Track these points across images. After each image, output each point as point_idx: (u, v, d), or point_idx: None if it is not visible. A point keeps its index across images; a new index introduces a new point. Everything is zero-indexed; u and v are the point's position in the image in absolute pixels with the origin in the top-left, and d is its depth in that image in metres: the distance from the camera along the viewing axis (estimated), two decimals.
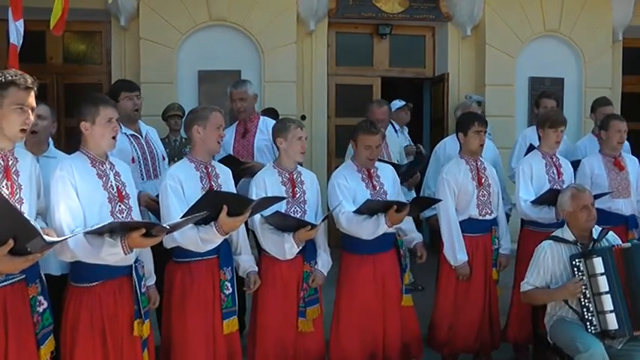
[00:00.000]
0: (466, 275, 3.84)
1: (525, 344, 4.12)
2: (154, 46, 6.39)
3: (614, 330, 3.17)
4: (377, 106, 4.90)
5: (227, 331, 3.16)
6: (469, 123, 3.88)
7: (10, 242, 2.19)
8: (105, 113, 2.78)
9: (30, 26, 6.14)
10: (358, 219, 3.47)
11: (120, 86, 4.02)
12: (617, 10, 7.23)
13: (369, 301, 3.58)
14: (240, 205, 2.97)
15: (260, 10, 6.52)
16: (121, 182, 2.86)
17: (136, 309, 2.80)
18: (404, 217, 3.48)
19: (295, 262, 3.42)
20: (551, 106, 4.82)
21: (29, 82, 2.46)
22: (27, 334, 2.48)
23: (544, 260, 3.40)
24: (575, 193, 3.44)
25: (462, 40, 7.23)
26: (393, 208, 3.40)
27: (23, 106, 2.44)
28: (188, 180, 3.13)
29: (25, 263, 2.29)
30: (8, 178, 2.46)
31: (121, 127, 3.76)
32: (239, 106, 4.42)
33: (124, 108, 3.82)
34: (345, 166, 3.75)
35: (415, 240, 3.83)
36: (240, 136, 4.42)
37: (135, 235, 2.52)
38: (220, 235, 3.01)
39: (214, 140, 3.19)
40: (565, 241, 3.41)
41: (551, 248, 3.41)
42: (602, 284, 3.20)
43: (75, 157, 2.81)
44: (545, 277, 3.40)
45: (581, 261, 3.27)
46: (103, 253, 2.57)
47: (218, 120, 3.20)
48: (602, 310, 3.21)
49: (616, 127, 4.21)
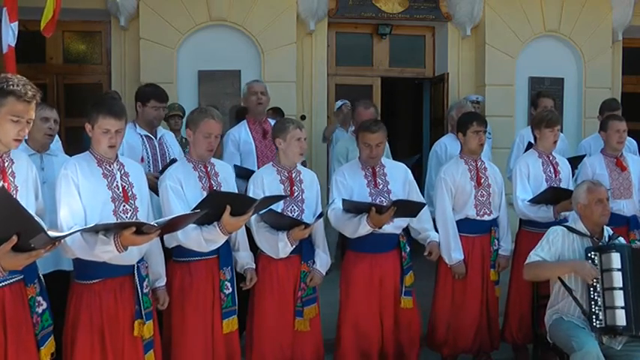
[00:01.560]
0: (462, 274, 3.84)
1: (524, 344, 4.12)
2: (153, 46, 6.39)
3: (621, 326, 3.17)
4: (363, 108, 4.87)
5: (226, 331, 3.17)
6: (468, 123, 3.89)
7: (13, 238, 2.18)
8: (102, 123, 2.74)
9: (30, 26, 6.17)
10: (344, 217, 3.48)
11: (152, 93, 3.92)
12: (617, 10, 7.23)
13: (364, 299, 3.58)
14: (242, 204, 2.98)
15: (260, 10, 6.52)
16: (128, 182, 2.86)
17: (137, 309, 2.79)
18: (386, 219, 3.40)
19: (292, 261, 3.42)
20: (550, 106, 4.81)
21: (29, 94, 2.40)
22: (26, 335, 2.47)
23: (554, 241, 3.39)
24: (591, 186, 3.44)
25: (462, 40, 7.23)
26: (372, 210, 3.36)
27: (20, 118, 2.40)
28: (187, 180, 3.14)
29: (28, 260, 2.28)
30: (5, 179, 2.45)
31: (135, 127, 3.80)
32: (261, 99, 4.43)
33: (148, 114, 3.85)
34: (350, 164, 3.78)
35: (429, 238, 3.78)
36: (261, 137, 4.42)
37: (127, 233, 2.50)
38: (224, 235, 3.02)
39: (202, 147, 3.16)
40: (578, 232, 3.41)
41: (563, 232, 3.41)
42: (617, 280, 3.18)
43: (82, 156, 2.82)
44: (554, 255, 3.38)
45: (597, 254, 3.27)
46: (97, 250, 2.57)
47: (208, 128, 3.13)
48: (611, 305, 3.19)
49: (615, 127, 4.21)
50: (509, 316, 4.10)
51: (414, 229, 3.78)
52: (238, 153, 4.33)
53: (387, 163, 3.75)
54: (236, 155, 4.33)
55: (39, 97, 2.47)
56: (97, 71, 6.98)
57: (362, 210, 3.43)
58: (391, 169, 3.72)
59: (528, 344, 4.12)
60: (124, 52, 6.67)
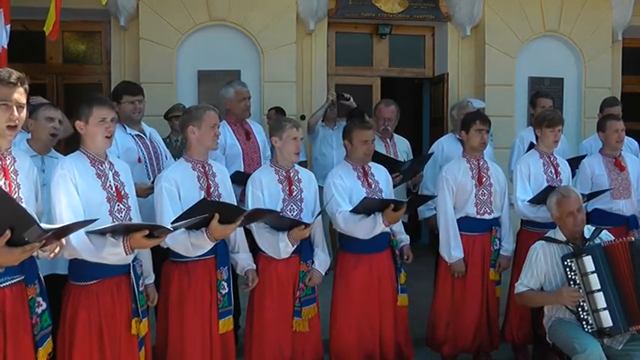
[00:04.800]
0: (461, 272, 3.85)
1: (524, 344, 4.12)
2: (153, 46, 6.38)
3: (608, 327, 3.18)
4: (384, 106, 4.90)
5: (223, 331, 3.18)
6: (471, 121, 3.93)
7: (7, 233, 2.17)
8: (97, 113, 2.77)
9: (30, 26, 6.17)
10: (355, 218, 3.47)
11: (122, 89, 4.00)
12: (617, 10, 7.22)
13: (365, 300, 3.58)
14: (232, 213, 3.00)
15: (260, 10, 6.51)
16: (119, 182, 2.88)
17: (133, 307, 2.81)
18: (401, 215, 3.51)
19: (291, 261, 3.42)
20: (548, 106, 4.81)
21: (13, 77, 2.40)
22: (25, 336, 2.47)
23: (537, 261, 3.41)
24: (560, 199, 3.42)
25: (462, 40, 7.22)
26: (390, 207, 3.41)
27: (7, 102, 2.38)
28: (185, 180, 3.14)
29: (23, 254, 2.26)
30: (6, 176, 2.45)
31: (125, 128, 3.80)
32: (248, 104, 4.48)
33: (125, 110, 3.84)
34: (339, 166, 3.77)
35: (402, 242, 3.84)
36: (245, 138, 4.42)
37: (138, 236, 2.55)
38: (210, 242, 3.03)
39: (210, 139, 3.20)
40: (557, 241, 3.41)
41: (543, 249, 3.41)
42: (594, 282, 3.21)
43: (75, 156, 2.82)
44: (540, 277, 3.41)
45: (573, 261, 3.27)
46: (105, 252, 2.60)
47: (212, 119, 3.20)
48: (596, 308, 3.21)
49: (613, 127, 4.22)
50: (510, 314, 4.11)
51: (391, 231, 3.77)
52: (224, 157, 4.28)
53: (370, 163, 3.77)
54: (221, 159, 4.28)
55: (26, 84, 2.47)
56: (97, 71, 6.97)
57: (377, 208, 3.44)
58: (375, 169, 3.76)
59: (528, 344, 4.13)
60: (123, 52, 6.66)
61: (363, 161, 3.67)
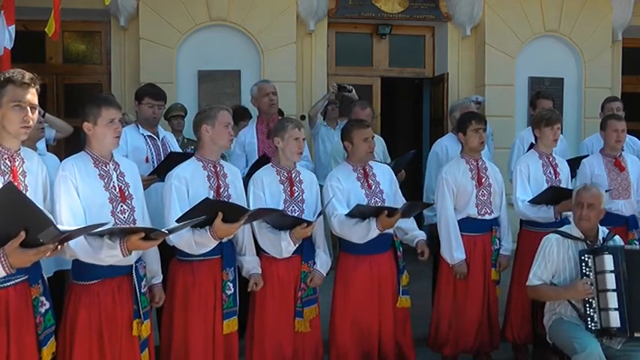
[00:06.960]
0: (463, 274, 3.85)
1: (525, 344, 4.13)
2: (153, 46, 6.38)
3: (615, 328, 3.17)
4: (360, 108, 4.87)
5: (227, 331, 3.18)
6: (467, 122, 3.92)
7: (21, 234, 2.16)
8: (107, 114, 2.76)
9: (30, 26, 6.18)
10: (349, 222, 3.47)
11: (146, 91, 4.02)
12: (617, 10, 7.22)
13: (365, 301, 3.58)
14: (236, 213, 3.00)
15: (260, 10, 6.52)
16: (124, 182, 2.86)
17: (135, 309, 2.80)
18: (395, 222, 3.47)
19: (293, 261, 3.42)
20: (549, 107, 4.81)
21: (26, 78, 2.43)
22: (28, 336, 2.47)
23: (550, 253, 3.40)
24: (580, 189, 3.46)
25: (462, 40, 7.22)
26: (384, 213, 3.40)
27: (21, 102, 2.41)
28: (195, 179, 3.14)
29: (37, 255, 2.25)
30: (15, 178, 2.44)
31: (139, 128, 3.83)
32: (273, 99, 4.49)
33: (143, 112, 3.90)
34: (339, 168, 3.76)
35: (417, 237, 3.78)
36: (265, 136, 4.43)
37: (134, 239, 2.55)
38: (214, 240, 3.03)
39: (224, 137, 3.22)
40: (573, 237, 3.41)
41: (557, 242, 3.41)
42: (610, 282, 3.19)
43: (78, 157, 2.81)
44: (551, 270, 3.40)
45: (590, 257, 3.27)
46: (102, 254, 2.60)
47: (226, 118, 3.22)
48: (605, 307, 3.20)
49: (613, 127, 4.22)
50: (510, 314, 4.11)
51: (401, 229, 3.77)
52: (244, 154, 4.39)
53: (373, 163, 3.77)
54: (242, 157, 4.38)
55: (38, 84, 2.48)
56: (97, 71, 6.98)
57: (371, 214, 3.43)
58: (378, 169, 3.75)
59: (529, 344, 4.13)
60: (123, 52, 6.67)
61: (366, 160, 3.66)
